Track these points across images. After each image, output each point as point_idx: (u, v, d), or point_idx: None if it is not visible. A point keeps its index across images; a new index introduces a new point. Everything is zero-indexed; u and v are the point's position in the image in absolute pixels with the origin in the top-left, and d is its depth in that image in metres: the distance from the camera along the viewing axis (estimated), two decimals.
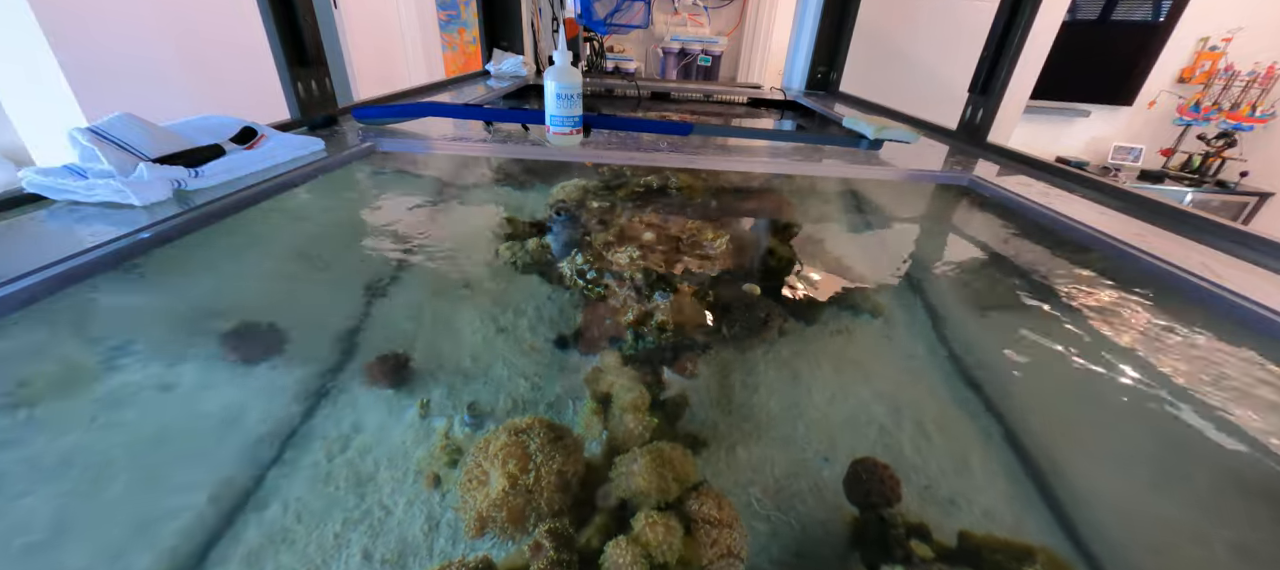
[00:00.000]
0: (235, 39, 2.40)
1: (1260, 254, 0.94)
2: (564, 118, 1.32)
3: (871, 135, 1.50)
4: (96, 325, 0.70)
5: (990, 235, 1.22)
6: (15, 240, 0.71)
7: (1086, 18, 4.16)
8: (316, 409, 0.73)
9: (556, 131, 1.34)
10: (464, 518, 0.53)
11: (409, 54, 4.18)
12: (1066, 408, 0.79)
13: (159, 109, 0.96)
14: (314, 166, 1.11)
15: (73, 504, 0.55)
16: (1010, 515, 0.63)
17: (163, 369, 0.71)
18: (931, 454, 0.70)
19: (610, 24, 3.56)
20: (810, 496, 0.63)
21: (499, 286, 1.01)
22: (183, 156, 0.91)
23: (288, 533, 0.56)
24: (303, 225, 1.06)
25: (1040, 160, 1.48)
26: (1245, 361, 0.74)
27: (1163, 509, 0.64)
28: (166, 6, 2.22)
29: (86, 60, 1.90)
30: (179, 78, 2.29)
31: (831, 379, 0.83)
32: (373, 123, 1.47)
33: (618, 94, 2.85)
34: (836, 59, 2.77)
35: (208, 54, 2.39)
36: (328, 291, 0.98)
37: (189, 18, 2.31)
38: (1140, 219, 1.11)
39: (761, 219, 1.37)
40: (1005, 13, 1.53)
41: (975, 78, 1.66)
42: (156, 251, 0.77)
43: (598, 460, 0.61)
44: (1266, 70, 3.82)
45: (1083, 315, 0.88)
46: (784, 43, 3.27)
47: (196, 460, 0.65)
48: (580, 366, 0.82)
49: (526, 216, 1.25)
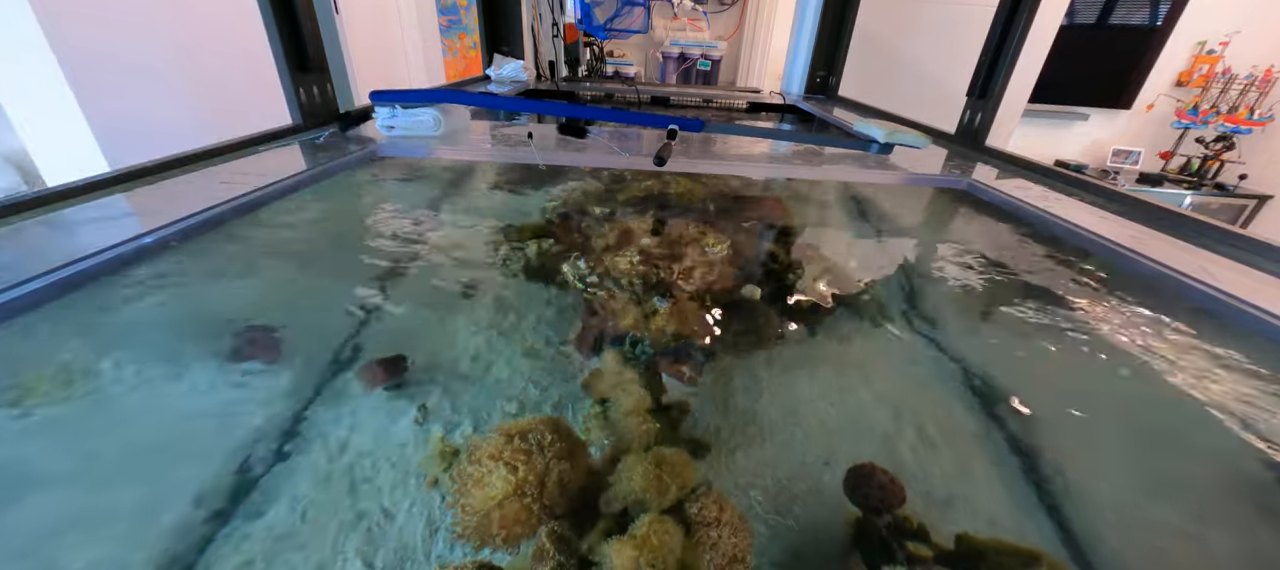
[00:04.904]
0: (236, 43, 2.41)
1: (1258, 257, 0.94)
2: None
3: (882, 139, 1.50)
4: (97, 327, 0.70)
5: (989, 239, 1.22)
6: (19, 244, 0.71)
7: (1084, 21, 4.17)
8: (316, 411, 0.73)
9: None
10: (464, 522, 0.53)
11: (410, 59, 4.19)
12: (1066, 410, 0.80)
13: (159, 110, 0.97)
14: (315, 171, 1.12)
15: (71, 505, 0.55)
16: (1011, 520, 0.63)
17: (162, 370, 0.72)
18: (932, 459, 0.70)
19: (610, 29, 3.57)
20: (810, 499, 0.63)
21: (499, 290, 1.01)
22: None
23: (287, 536, 0.56)
24: (303, 228, 1.07)
25: (1039, 164, 1.48)
26: (1245, 362, 0.74)
27: (1162, 513, 0.64)
28: (167, 9, 2.23)
29: (86, 63, 1.90)
30: (179, 82, 2.30)
31: (832, 383, 0.83)
32: (389, 104, 1.49)
33: (617, 98, 2.86)
34: (835, 63, 2.78)
35: (208, 58, 2.40)
36: (327, 294, 0.98)
37: (190, 22, 2.32)
38: (1138, 222, 1.11)
39: (762, 223, 1.38)
40: (1003, 16, 1.54)
41: (974, 81, 1.66)
42: (158, 255, 0.77)
43: (599, 464, 0.61)
44: (1264, 73, 3.83)
45: (1082, 318, 0.88)
46: (783, 47, 3.29)
47: (196, 461, 0.65)
48: (580, 370, 0.82)
49: (527, 221, 1.25)
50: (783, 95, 2.91)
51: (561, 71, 3.39)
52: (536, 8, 3.19)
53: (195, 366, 0.75)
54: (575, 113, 1.59)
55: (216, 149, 1.18)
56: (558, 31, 3.28)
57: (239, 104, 1.99)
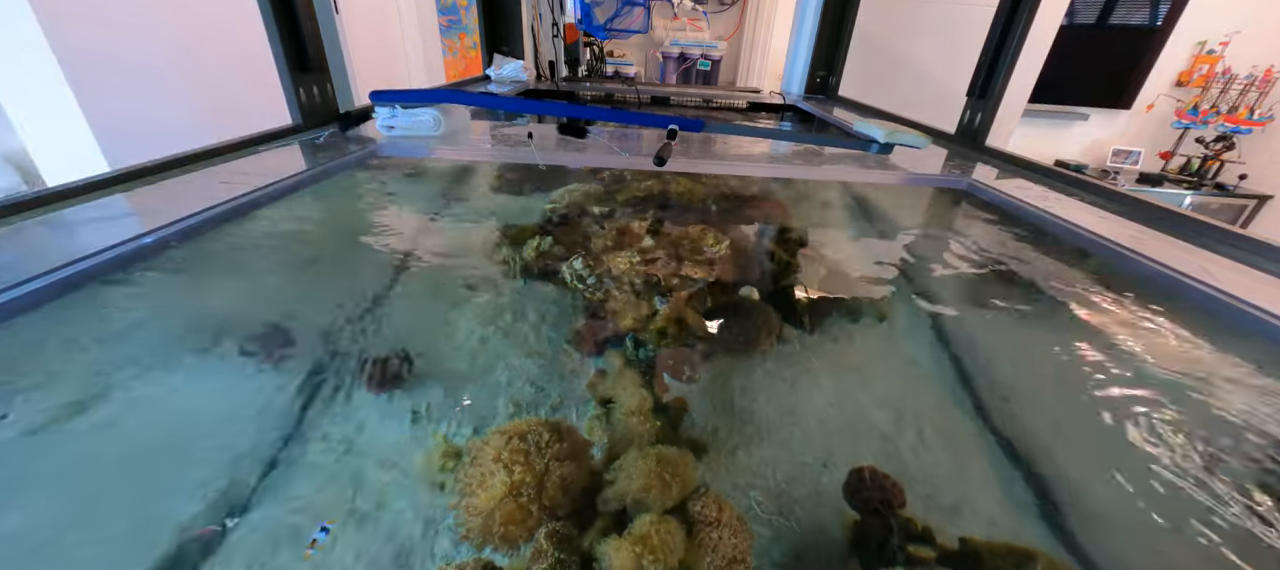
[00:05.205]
0: (236, 43, 2.41)
1: (1258, 257, 0.94)
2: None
3: (882, 139, 1.50)
4: (98, 328, 0.70)
5: (989, 239, 1.22)
6: (19, 244, 0.71)
7: (1084, 21, 4.17)
8: (316, 411, 0.73)
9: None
10: (464, 522, 0.53)
11: (410, 59, 4.19)
12: (1065, 410, 0.80)
13: (159, 110, 0.97)
14: (315, 171, 1.12)
15: (70, 506, 0.55)
16: (1009, 519, 0.63)
17: (162, 371, 0.72)
18: (931, 459, 0.70)
19: (610, 29, 3.57)
20: (810, 501, 0.63)
21: (499, 290, 1.01)
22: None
23: (287, 536, 0.56)
24: (302, 229, 1.07)
25: (1038, 164, 1.48)
26: (1244, 363, 0.74)
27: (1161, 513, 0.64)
28: (167, 9, 2.23)
29: (86, 63, 1.90)
30: (179, 82, 2.29)
31: (831, 384, 0.83)
32: (390, 104, 1.49)
33: (617, 98, 2.86)
34: (835, 63, 2.78)
35: (208, 58, 2.40)
36: (327, 295, 0.98)
37: (190, 22, 2.32)
38: (1138, 222, 1.11)
39: (761, 223, 1.38)
40: (1003, 16, 1.54)
41: (974, 81, 1.66)
42: (159, 255, 0.77)
43: (600, 464, 0.61)
44: (1264, 73, 3.83)
45: (1082, 318, 0.88)
46: (783, 47, 3.29)
47: (195, 462, 0.65)
48: (580, 370, 0.82)
49: (526, 221, 1.25)
50: (783, 95, 2.91)
51: (561, 71, 3.39)
52: (536, 8, 3.19)
53: (196, 366, 0.75)
54: (575, 113, 1.59)
55: (216, 149, 1.18)
56: (558, 31, 3.28)
57: (239, 104, 1.99)
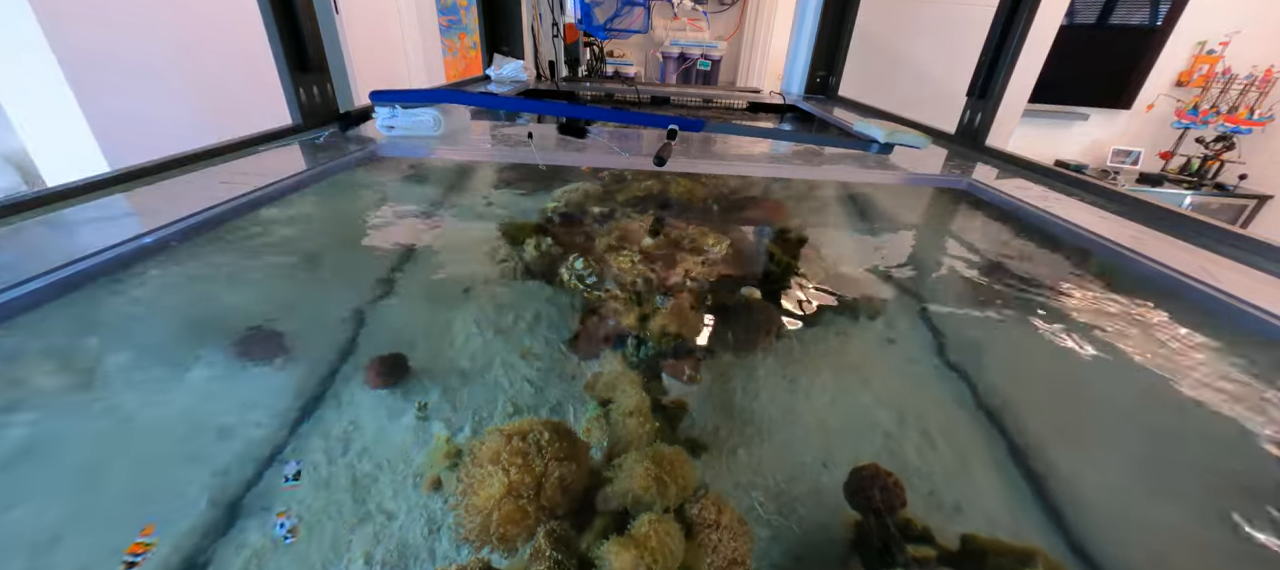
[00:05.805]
0: (236, 43, 2.41)
1: (1258, 257, 0.94)
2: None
3: (882, 139, 1.50)
4: (97, 327, 0.70)
5: (989, 239, 1.22)
6: (19, 244, 0.71)
7: (1084, 21, 4.17)
8: (316, 411, 0.73)
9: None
10: (467, 522, 0.53)
11: (410, 59, 4.19)
12: (1065, 410, 0.80)
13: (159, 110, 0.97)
14: (315, 171, 1.12)
15: (70, 507, 0.55)
16: (1009, 518, 0.63)
17: (163, 370, 0.72)
18: (932, 458, 0.70)
19: (610, 29, 3.57)
20: (811, 500, 0.63)
21: (499, 290, 1.01)
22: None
23: (288, 535, 0.56)
24: (303, 228, 1.07)
25: (1039, 164, 1.48)
26: (1243, 363, 0.74)
27: (1160, 512, 0.64)
28: (167, 9, 2.22)
29: (86, 63, 1.90)
30: (179, 82, 2.29)
31: (831, 383, 0.83)
32: (390, 104, 1.49)
33: (617, 98, 2.86)
34: (835, 63, 2.78)
35: (208, 58, 2.40)
36: (327, 294, 0.98)
37: (190, 22, 2.32)
38: (1138, 222, 1.11)
39: (761, 223, 1.38)
40: (1003, 16, 1.54)
41: (974, 81, 1.66)
42: (158, 255, 0.77)
43: (599, 464, 0.61)
44: (1264, 73, 3.83)
45: (1082, 318, 0.88)
46: (783, 47, 3.29)
47: (195, 462, 0.65)
48: (580, 370, 0.82)
49: (526, 221, 1.25)
50: (783, 95, 2.91)
51: (561, 71, 3.39)
52: (536, 8, 3.19)
53: (196, 366, 0.75)
54: (575, 113, 1.59)
55: (216, 149, 1.18)
56: (558, 31, 3.28)
57: (239, 104, 1.99)
